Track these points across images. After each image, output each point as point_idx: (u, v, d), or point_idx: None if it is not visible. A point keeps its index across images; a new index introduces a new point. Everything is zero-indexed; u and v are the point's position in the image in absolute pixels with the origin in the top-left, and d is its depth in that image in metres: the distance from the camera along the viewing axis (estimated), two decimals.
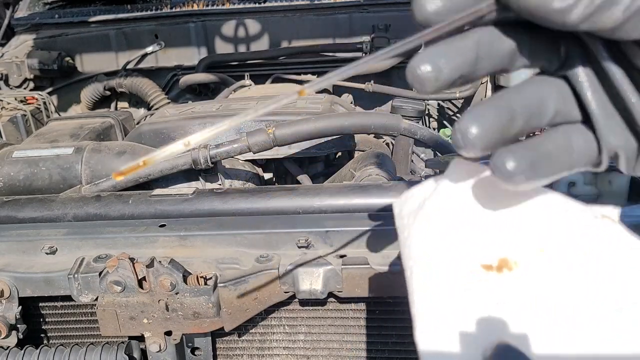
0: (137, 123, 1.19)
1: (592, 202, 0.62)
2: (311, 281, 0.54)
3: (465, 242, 0.31)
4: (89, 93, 1.48)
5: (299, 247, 0.58)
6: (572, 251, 0.31)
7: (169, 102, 1.44)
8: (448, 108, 1.46)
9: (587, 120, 0.26)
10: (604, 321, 0.30)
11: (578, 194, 0.62)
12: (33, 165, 0.80)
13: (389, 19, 1.46)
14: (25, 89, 1.44)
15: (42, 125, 1.16)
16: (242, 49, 1.53)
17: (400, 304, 0.55)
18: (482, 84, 1.35)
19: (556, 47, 0.26)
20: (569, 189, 0.61)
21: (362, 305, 0.59)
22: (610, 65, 0.24)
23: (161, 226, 0.63)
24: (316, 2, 1.50)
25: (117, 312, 0.56)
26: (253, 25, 1.51)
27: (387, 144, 1.12)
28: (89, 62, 1.53)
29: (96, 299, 0.56)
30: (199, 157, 0.75)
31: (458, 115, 1.44)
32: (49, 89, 1.47)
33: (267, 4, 1.51)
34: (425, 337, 0.30)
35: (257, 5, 1.51)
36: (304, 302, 0.60)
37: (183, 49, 1.52)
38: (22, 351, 0.60)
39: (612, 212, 0.33)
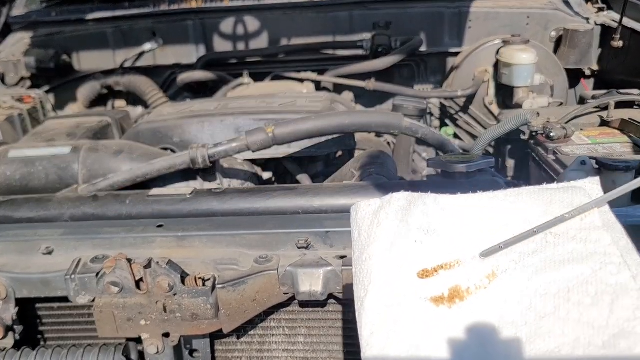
0: (135, 122, 1.18)
1: None
2: (311, 282, 0.53)
3: (414, 274, 0.31)
4: (86, 92, 1.47)
5: (299, 248, 0.57)
6: (526, 274, 0.30)
7: (167, 101, 1.43)
8: (450, 107, 1.45)
9: None
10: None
11: None
12: (30, 165, 0.79)
13: (390, 16, 1.45)
14: (22, 87, 1.43)
15: (39, 124, 1.15)
16: (241, 46, 1.52)
17: None
18: (484, 82, 1.35)
19: None
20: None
21: None
22: None
23: (159, 226, 0.62)
24: None
25: (115, 314, 0.55)
26: (252, 23, 1.50)
27: (388, 143, 1.11)
28: (86, 61, 1.52)
29: (93, 300, 0.55)
30: (197, 157, 0.74)
31: (460, 113, 1.43)
32: (46, 88, 1.46)
33: (267, 1, 1.50)
34: None
35: (256, 2, 1.50)
36: (304, 304, 0.59)
37: (181, 46, 1.51)
38: (19, 352, 0.59)
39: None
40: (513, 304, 0.30)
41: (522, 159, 0.94)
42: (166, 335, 0.57)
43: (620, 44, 1.23)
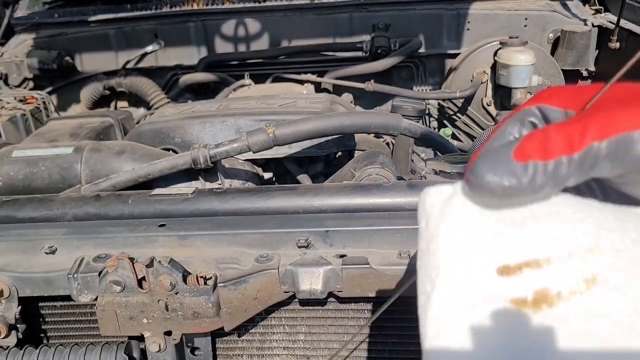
0: (137, 122, 1.19)
1: None
2: (311, 281, 0.54)
3: (493, 270, 0.25)
4: (88, 92, 1.48)
5: (299, 247, 0.58)
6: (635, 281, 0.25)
7: (168, 102, 1.44)
8: (448, 107, 1.46)
9: None
10: None
11: None
12: (32, 165, 0.80)
13: (389, 18, 1.46)
14: (24, 88, 1.43)
15: (42, 124, 1.16)
16: (242, 48, 1.53)
17: (401, 304, 0.55)
18: (482, 83, 1.35)
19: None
20: None
21: (362, 305, 0.59)
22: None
23: (161, 226, 0.63)
24: (316, 1, 1.50)
25: (117, 312, 0.55)
26: (253, 25, 1.51)
27: (387, 144, 1.12)
28: (88, 62, 1.53)
29: (96, 299, 0.56)
30: (198, 157, 0.75)
31: (458, 114, 1.44)
32: (49, 89, 1.47)
33: (267, 3, 1.51)
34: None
35: (256, 4, 1.51)
36: (304, 302, 0.59)
37: (183, 48, 1.52)
38: (22, 351, 0.60)
39: None
40: (612, 322, 0.25)
41: None
42: (168, 333, 0.57)
43: (617, 45, 1.24)
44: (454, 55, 1.47)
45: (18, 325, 0.59)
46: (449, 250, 0.27)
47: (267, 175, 0.93)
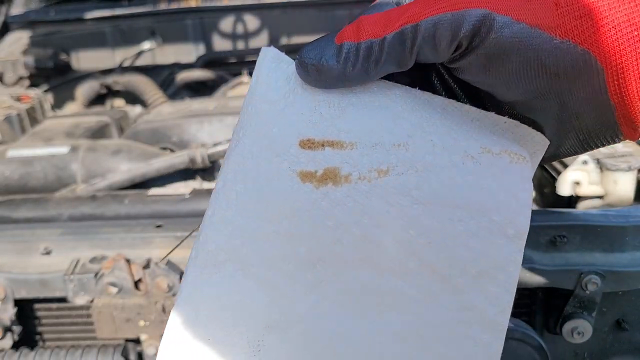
0: (134, 121, 1.18)
1: (598, 201, 0.61)
2: None
3: (296, 140, 0.26)
4: (84, 91, 1.47)
5: None
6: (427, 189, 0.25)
7: (166, 100, 1.43)
8: None
9: None
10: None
11: (583, 194, 0.61)
12: (28, 165, 0.79)
13: None
14: (20, 87, 1.42)
15: (38, 123, 1.15)
16: (240, 45, 1.52)
17: None
18: None
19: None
20: (574, 188, 0.61)
21: None
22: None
23: (158, 227, 0.62)
24: None
25: (113, 314, 0.55)
26: (251, 21, 1.50)
27: None
28: (85, 60, 1.52)
29: (92, 301, 0.55)
30: (196, 156, 0.74)
31: None
32: (45, 87, 1.46)
33: (266, 0, 1.49)
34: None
35: (255, 1, 1.49)
36: None
37: (180, 45, 1.50)
38: (18, 353, 0.59)
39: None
40: (389, 214, 0.25)
41: None
42: None
43: None
44: None
45: (14, 327, 0.58)
46: (266, 113, 0.27)
47: None
